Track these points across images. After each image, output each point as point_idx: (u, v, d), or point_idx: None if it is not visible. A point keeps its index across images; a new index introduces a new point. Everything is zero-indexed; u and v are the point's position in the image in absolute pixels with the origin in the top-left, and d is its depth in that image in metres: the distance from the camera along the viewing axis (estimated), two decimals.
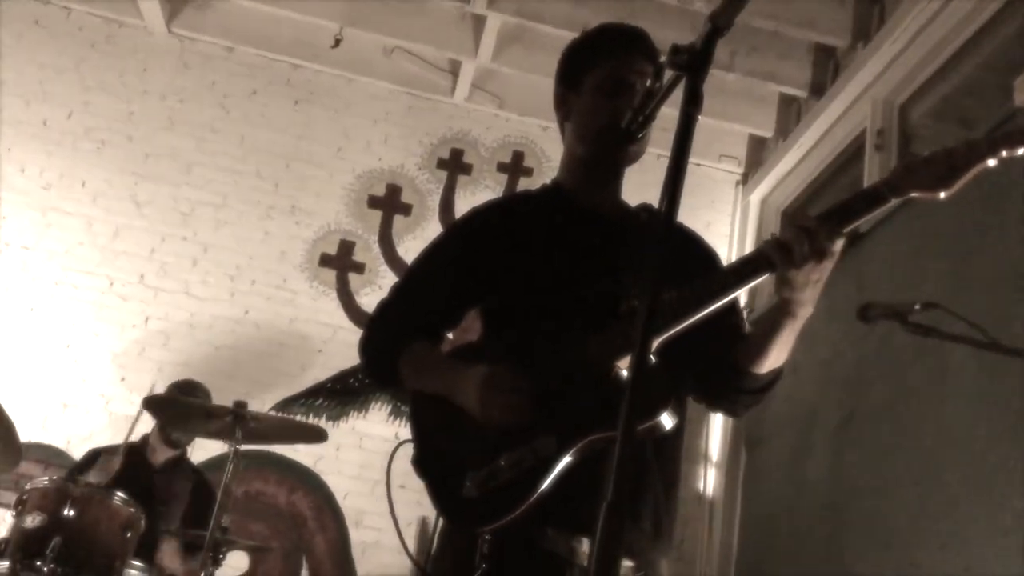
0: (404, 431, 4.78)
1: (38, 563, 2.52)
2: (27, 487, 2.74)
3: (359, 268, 5.11)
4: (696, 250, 1.81)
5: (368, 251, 5.15)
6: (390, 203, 5.27)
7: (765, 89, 4.95)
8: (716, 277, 1.50)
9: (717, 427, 4.85)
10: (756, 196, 5.26)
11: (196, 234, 4.93)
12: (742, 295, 1.63)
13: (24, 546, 2.57)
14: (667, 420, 1.43)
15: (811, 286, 1.44)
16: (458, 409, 1.59)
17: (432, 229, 5.20)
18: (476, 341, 1.74)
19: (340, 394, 4.79)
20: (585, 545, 1.52)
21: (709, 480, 4.79)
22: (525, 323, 1.65)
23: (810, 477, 3.73)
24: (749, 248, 5.16)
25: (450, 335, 1.84)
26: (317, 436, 3.28)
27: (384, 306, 1.83)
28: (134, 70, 5.17)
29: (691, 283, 1.47)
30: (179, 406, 3.23)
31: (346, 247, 5.13)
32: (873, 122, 4.17)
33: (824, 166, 4.75)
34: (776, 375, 1.61)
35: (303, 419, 4.59)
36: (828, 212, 1.45)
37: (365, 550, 4.58)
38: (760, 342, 1.57)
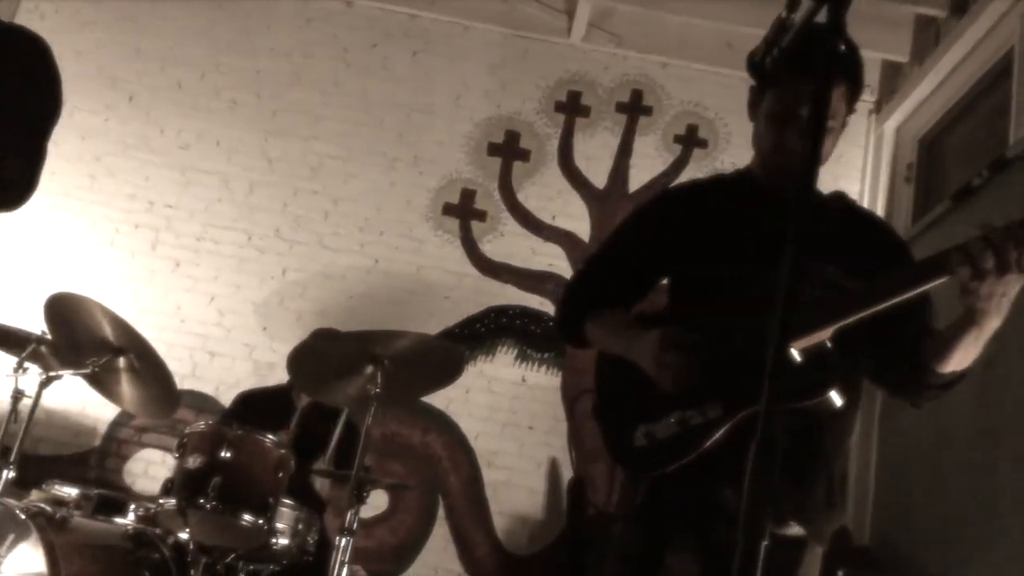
0: (530, 374, 4.90)
1: (201, 500, 2.70)
2: (187, 431, 2.93)
3: (481, 216, 5.17)
4: (885, 238, 1.84)
5: (489, 198, 5.20)
6: (509, 149, 5.28)
7: (900, 11, 4.68)
8: (894, 277, 1.51)
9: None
10: (891, 125, 5.01)
11: (325, 187, 5.09)
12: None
13: (188, 485, 2.76)
14: (836, 398, 1.51)
15: (995, 299, 1.41)
16: (636, 368, 1.70)
17: (552, 174, 5.20)
18: (660, 310, 1.86)
19: (468, 339, 4.91)
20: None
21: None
22: (707, 298, 1.74)
23: (952, 418, 3.60)
24: (883, 181, 4.95)
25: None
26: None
27: (580, 275, 2.02)
28: (259, 29, 5.33)
29: (870, 279, 1.51)
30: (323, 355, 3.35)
31: (468, 195, 5.19)
32: (1022, 41, 3.88)
33: (965, 91, 4.47)
34: (959, 376, 1.62)
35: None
36: (1020, 222, 1.38)
37: (497, 489, 4.72)
38: (946, 342, 1.57)
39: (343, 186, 5.11)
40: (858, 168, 5.12)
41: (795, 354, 1.53)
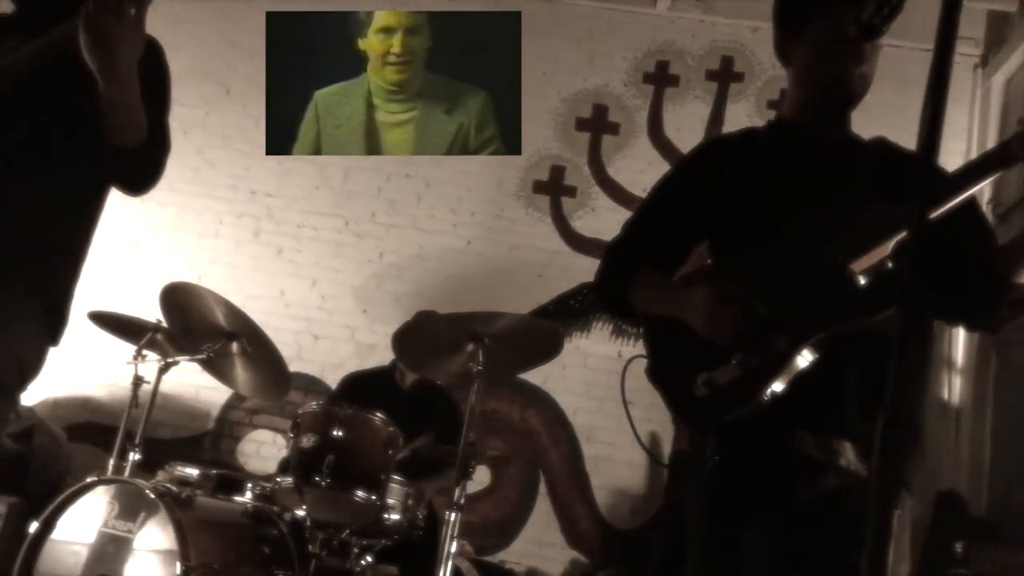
0: (626, 349, 4.88)
1: (316, 478, 2.79)
2: (300, 412, 3.03)
3: (571, 192, 5.16)
4: (932, 172, 1.75)
5: (579, 174, 5.19)
6: (597, 124, 5.25)
7: None
8: (951, 178, 1.47)
9: (962, 329, 4.55)
10: (999, 78, 4.78)
11: (418, 171, 5.16)
12: (986, 189, 1.56)
13: (303, 463, 2.85)
14: None
15: None
16: (687, 324, 1.64)
17: (641, 146, 5.15)
18: (705, 268, 1.80)
19: (562, 316, 4.92)
20: (843, 447, 1.55)
21: (955, 388, 4.52)
22: (753, 249, 1.68)
23: None
24: (992, 137, 4.74)
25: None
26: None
27: (617, 241, 1.91)
28: None
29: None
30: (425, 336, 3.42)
31: (557, 172, 5.19)
32: None
33: None
34: None
35: None
36: None
37: (598, 463, 4.74)
38: (1019, 248, 1.53)
39: (434, 169, 5.17)
40: (963, 126, 4.91)
41: (859, 277, 1.49)
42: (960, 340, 4.56)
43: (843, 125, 1.78)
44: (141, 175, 1.79)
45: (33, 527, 2.80)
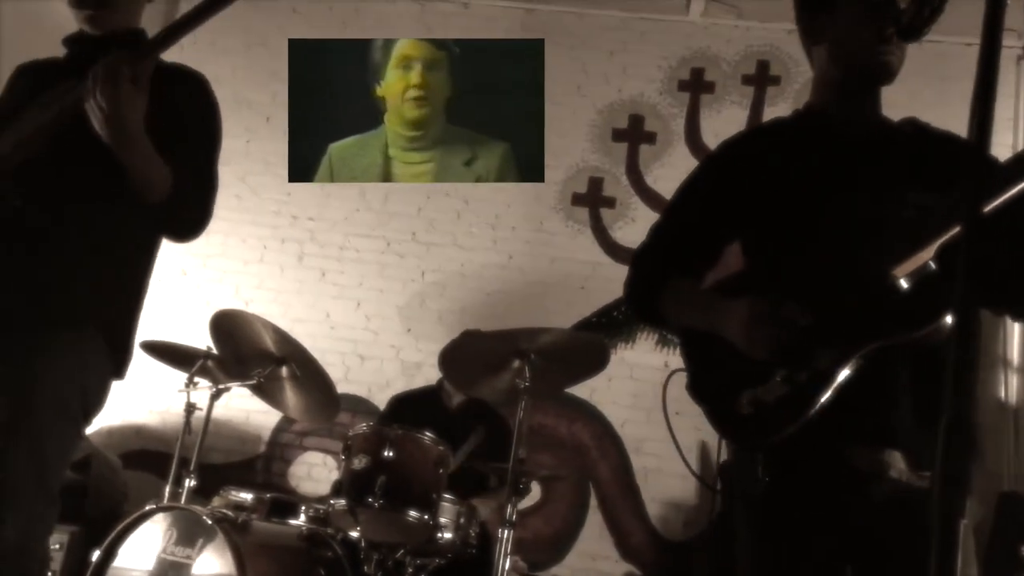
0: (673, 359, 4.84)
1: (369, 499, 2.81)
2: (350, 433, 3.06)
3: (610, 203, 5.15)
4: (966, 154, 1.69)
5: (617, 184, 5.18)
6: (634, 133, 5.24)
7: None
8: (993, 175, 1.41)
9: (1017, 327, 4.45)
10: None
11: (456, 188, 5.19)
12: None
13: (355, 485, 2.88)
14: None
15: None
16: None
17: (679, 154, 5.13)
18: (739, 274, 1.74)
19: (606, 327, 4.90)
20: (894, 457, 1.50)
21: (1011, 386, 4.42)
22: (788, 249, 1.63)
23: None
24: None
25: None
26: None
27: (644, 248, 1.87)
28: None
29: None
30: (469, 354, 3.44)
31: (595, 183, 5.19)
32: None
33: None
34: None
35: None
36: None
37: (648, 475, 4.70)
38: None
39: (472, 186, 5.19)
40: (1007, 118, 4.81)
41: (901, 282, 1.45)
42: (1016, 338, 4.46)
43: (875, 106, 1.72)
44: (182, 225, 1.83)
45: (95, 555, 2.86)
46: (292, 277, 5.17)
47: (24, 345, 1.73)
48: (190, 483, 3.21)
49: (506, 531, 2.78)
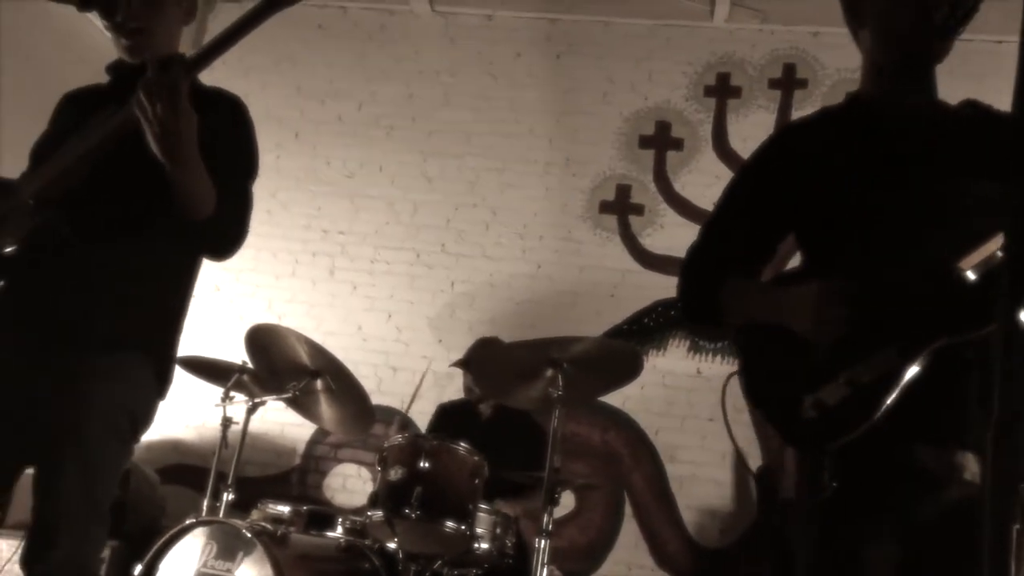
0: (705, 365, 4.82)
1: (406, 510, 2.82)
2: (386, 445, 3.07)
3: (638, 210, 5.14)
4: None
5: (645, 191, 5.17)
6: (661, 140, 5.23)
7: None
8: None
9: None
10: None
11: (484, 199, 5.21)
12: None
13: (392, 496, 2.88)
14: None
15: None
16: (787, 333, 1.56)
17: (707, 160, 5.12)
18: (799, 267, 1.71)
19: (637, 335, 4.89)
20: (967, 459, 1.46)
21: None
22: (848, 240, 1.59)
23: None
24: None
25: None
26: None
27: (695, 249, 1.82)
28: (408, 54, 5.52)
29: None
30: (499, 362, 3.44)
31: (623, 191, 5.18)
32: None
33: None
34: None
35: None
36: None
37: (683, 483, 4.68)
38: None
39: (500, 196, 5.21)
40: None
41: (968, 274, 1.40)
42: None
43: (929, 89, 1.67)
44: (221, 242, 1.86)
45: (136, 570, 2.89)
46: (324, 290, 5.21)
47: (73, 369, 1.77)
48: (228, 497, 3.24)
49: (543, 541, 2.77)
